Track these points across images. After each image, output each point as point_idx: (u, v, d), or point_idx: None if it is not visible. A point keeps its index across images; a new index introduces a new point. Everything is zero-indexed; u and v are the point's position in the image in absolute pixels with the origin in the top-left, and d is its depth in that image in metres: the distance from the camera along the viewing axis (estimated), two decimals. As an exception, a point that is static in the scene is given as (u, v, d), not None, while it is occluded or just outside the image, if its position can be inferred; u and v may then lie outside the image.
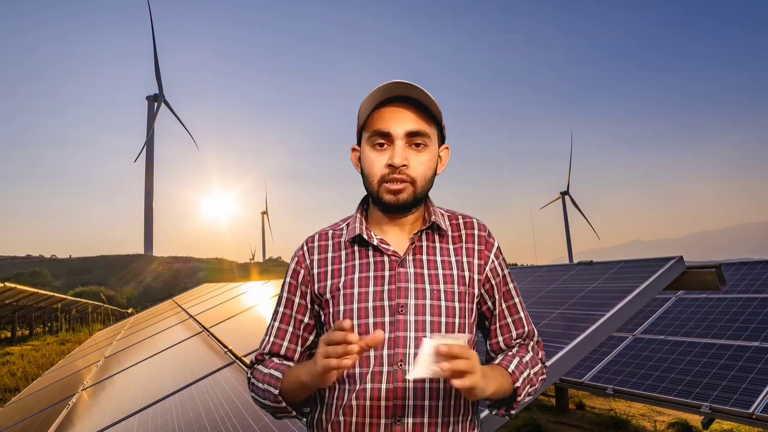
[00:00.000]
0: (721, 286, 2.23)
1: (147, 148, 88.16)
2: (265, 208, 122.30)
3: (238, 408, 1.91)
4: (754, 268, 4.88)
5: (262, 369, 1.02)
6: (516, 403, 0.97)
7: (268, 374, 0.98)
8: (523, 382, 0.96)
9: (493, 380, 0.87)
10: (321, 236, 1.08)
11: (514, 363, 0.97)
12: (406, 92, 0.95)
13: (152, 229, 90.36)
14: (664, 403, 3.25)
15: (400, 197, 0.96)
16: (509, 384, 0.93)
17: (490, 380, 0.85)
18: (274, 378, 0.96)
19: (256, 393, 1.02)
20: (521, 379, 0.95)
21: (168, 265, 74.09)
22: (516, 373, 0.95)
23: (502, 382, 0.91)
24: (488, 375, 0.86)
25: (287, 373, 0.95)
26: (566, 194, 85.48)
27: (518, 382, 0.94)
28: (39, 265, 63.96)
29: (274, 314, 1.09)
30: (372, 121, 0.98)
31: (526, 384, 0.97)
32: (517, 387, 0.94)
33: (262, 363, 1.05)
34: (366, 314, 0.95)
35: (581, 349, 1.88)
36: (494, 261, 1.06)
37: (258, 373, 1.02)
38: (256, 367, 1.05)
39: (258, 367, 1.05)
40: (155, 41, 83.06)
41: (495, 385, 0.87)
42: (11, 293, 13.26)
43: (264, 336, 1.09)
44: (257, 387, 1.01)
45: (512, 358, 0.99)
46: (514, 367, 0.96)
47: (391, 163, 0.95)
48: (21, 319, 18.07)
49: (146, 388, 2.87)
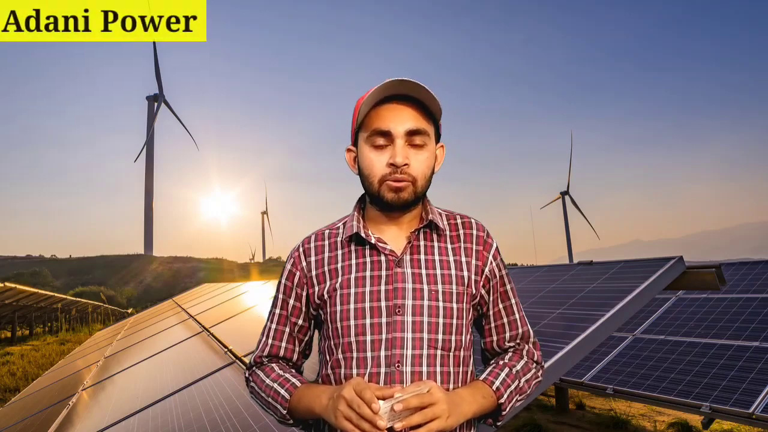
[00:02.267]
0: (721, 286, 2.23)
1: (147, 148, 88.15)
2: (265, 208, 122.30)
3: (238, 408, 1.91)
4: (754, 268, 4.88)
5: (263, 377, 1.02)
6: (501, 417, 0.99)
7: (272, 388, 0.98)
8: (509, 396, 0.97)
9: (470, 405, 0.91)
10: (317, 236, 1.07)
11: (501, 377, 0.98)
12: (404, 90, 0.94)
13: (152, 229, 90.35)
14: (664, 403, 3.25)
15: (402, 195, 0.96)
16: (492, 402, 0.96)
17: (465, 407, 0.89)
18: (280, 396, 0.97)
19: (257, 400, 1.03)
20: (507, 394, 0.97)
21: (168, 265, 74.09)
22: (501, 389, 0.96)
23: (482, 402, 0.94)
24: (464, 401, 0.90)
25: (298, 396, 0.95)
26: (566, 194, 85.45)
27: (503, 398, 0.96)
28: (39, 265, 63.95)
29: (270, 315, 1.08)
30: (370, 121, 0.97)
31: (513, 395, 0.98)
32: (501, 403, 0.96)
33: (261, 368, 1.05)
34: (363, 315, 0.95)
35: (581, 349, 1.88)
36: (492, 262, 1.06)
37: (259, 381, 1.02)
38: (255, 372, 1.05)
39: (258, 372, 1.04)
40: (155, 41, 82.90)
41: (472, 409, 0.91)
42: (11, 293, 13.26)
43: (260, 337, 1.08)
44: (259, 395, 1.01)
45: (501, 370, 1.00)
46: (500, 383, 0.97)
47: (393, 162, 0.94)
48: (21, 319, 18.06)
49: (146, 388, 2.87)
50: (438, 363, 0.94)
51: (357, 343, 0.94)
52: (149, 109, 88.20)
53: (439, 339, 0.95)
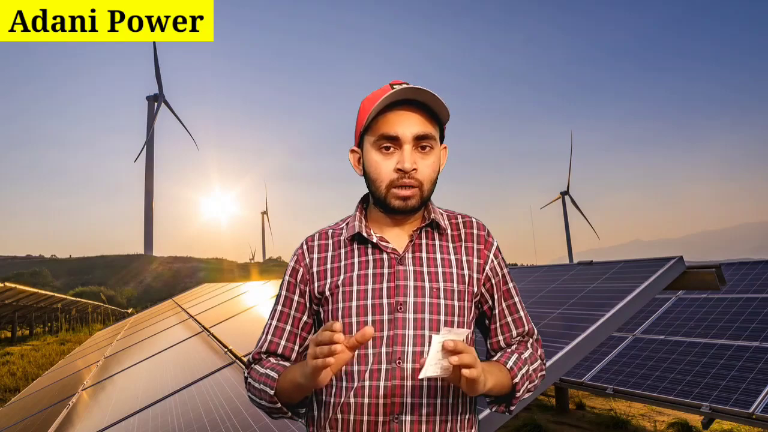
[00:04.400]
0: (721, 286, 2.23)
1: (147, 148, 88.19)
2: (265, 208, 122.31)
3: (238, 408, 1.91)
4: (754, 268, 4.88)
5: (258, 369, 1.02)
6: (515, 399, 0.98)
7: (264, 374, 0.98)
8: (521, 378, 0.97)
9: (492, 375, 0.89)
10: (321, 235, 1.08)
11: (513, 359, 0.98)
12: (412, 96, 0.95)
13: (152, 229, 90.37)
14: (664, 403, 3.25)
15: (410, 203, 0.97)
16: (508, 380, 0.94)
17: (489, 375, 0.87)
18: (270, 378, 0.96)
19: (252, 393, 1.02)
20: (520, 375, 0.96)
21: (168, 265, 74.11)
22: (514, 369, 0.96)
23: (500, 377, 0.92)
24: (487, 370, 0.87)
25: (283, 373, 0.95)
26: (566, 194, 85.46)
27: (516, 378, 0.95)
28: (39, 265, 63.98)
29: (272, 313, 1.08)
30: (378, 125, 0.97)
31: (525, 380, 0.98)
32: (515, 383, 0.95)
33: (259, 362, 1.05)
34: (365, 312, 0.96)
35: (581, 349, 1.88)
36: (493, 260, 1.06)
37: (255, 373, 1.02)
38: (253, 367, 1.05)
39: (255, 366, 1.04)
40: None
41: (493, 379, 0.89)
42: (11, 293, 13.26)
43: (261, 335, 1.08)
44: (254, 387, 1.01)
45: (511, 355, 1.00)
46: (512, 364, 0.97)
47: (401, 167, 0.95)
48: (21, 319, 18.06)
49: (146, 388, 2.87)
50: None
51: None
52: (149, 109, 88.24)
53: None
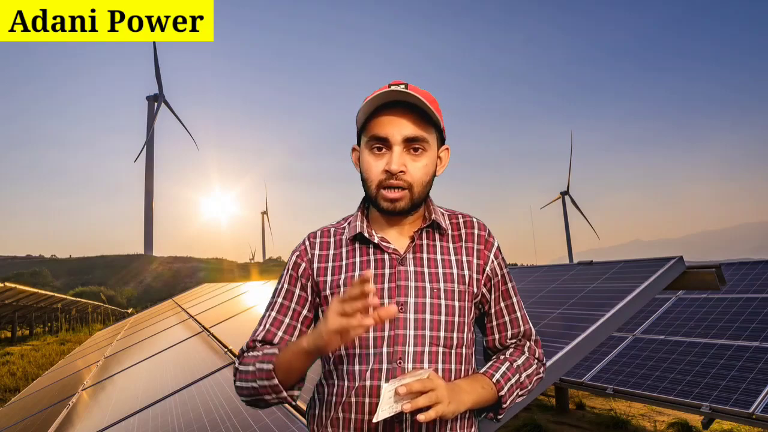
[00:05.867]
0: (721, 286, 2.23)
1: (147, 148, 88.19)
2: (265, 208, 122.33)
3: (238, 408, 1.91)
4: (754, 268, 4.88)
5: (252, 353, 0.98)
6: (502, 410, 0.99)
7: (259, 355, 0.95)
8: (509, 389, 0.98)
9: (469, 395, 0.91)
10: (323, 233, 1.08)
11: (502, 370, 0.99)
12: (404, 98, 0.95)
13: (152, 229, 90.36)
14: (664, 403, 3.25)
15: (398, 205, 0.97)
16: (492, 394, 0.96)
17: (464, 396, 0.89)
18: (267, 354, 0.93)
19: (241, 379, 0.97)
20: (507, 387, 0.97)
21: (168, 265, 74.10)
22: (501, 382, 0.97)
23: (482, 393, 0.94)
24: (463, 391, 0.89)
25: (284, 347, 0.92)
26: (566, 194, 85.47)
27: (503, 390, 0.97)
28: (39, 265, 63.97)
29: (270, 305, 1.06)
30: (370, 126, 0.98)
31: (514, 389, 0.99)
32: (501, 395, 0.96)
33: (253, 350, 1.01)
34: None
35: (581, 349, 1.88)
36: (494, 261, 1.07)
37: (247, 358, 0.98)
38: (245, 354, 1.01)
39: (248, 353, 1.00)
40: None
41: (471, 399, 0.91)
42: (11, 293, 13.26)
43: (257, 326, 1.05)
44: (246, 371, 0.96)
45: (501, 364, 1.01)
46: (500, 376, 0.98)
47: (388, 169, 0.95)
48: (21, 319, 18.06)
49: (146, 388, 2.87)
50: (440, 360, 0.96)
51: (360, 340, 0.95)
52: (149, 109, 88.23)
53: (441, 336, 0.96)
